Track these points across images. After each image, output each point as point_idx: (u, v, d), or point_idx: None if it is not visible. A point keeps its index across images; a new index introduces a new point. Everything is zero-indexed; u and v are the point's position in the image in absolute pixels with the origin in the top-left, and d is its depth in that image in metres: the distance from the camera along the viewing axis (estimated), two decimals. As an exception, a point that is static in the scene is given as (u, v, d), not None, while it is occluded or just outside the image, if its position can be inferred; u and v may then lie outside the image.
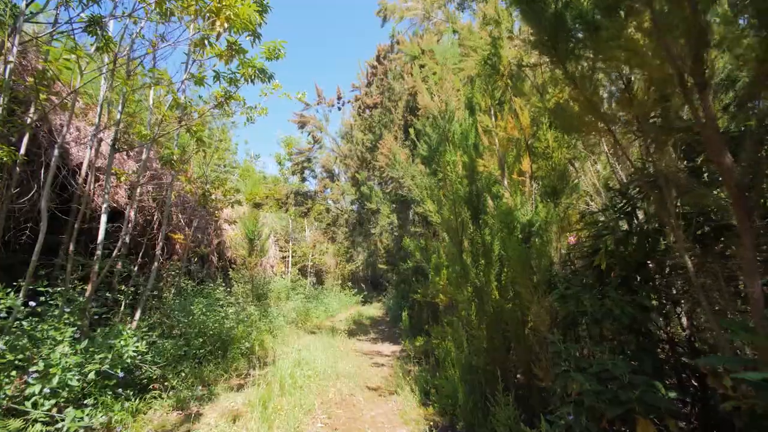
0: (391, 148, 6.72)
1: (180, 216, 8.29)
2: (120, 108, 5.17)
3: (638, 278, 2.27)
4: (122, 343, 3.64)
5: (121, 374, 3.45)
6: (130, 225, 5.92)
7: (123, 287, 5.40)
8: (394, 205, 10.25)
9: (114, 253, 4.60)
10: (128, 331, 3.86)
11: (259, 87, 5.76)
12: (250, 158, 24.11)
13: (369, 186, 9.55)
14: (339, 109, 12.35)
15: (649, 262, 2.25)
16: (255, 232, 10.71)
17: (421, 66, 5.44)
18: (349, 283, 21.05)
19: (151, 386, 4.13)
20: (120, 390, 3.69)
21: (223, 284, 9.03)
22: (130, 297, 5.44)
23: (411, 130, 7.52)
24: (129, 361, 3.56)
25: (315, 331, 9.71)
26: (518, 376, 3.45)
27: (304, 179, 12.82)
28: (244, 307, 8.58)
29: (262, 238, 11.23)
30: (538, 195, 3.36)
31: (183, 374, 4.59)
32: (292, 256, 16.89)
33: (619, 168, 3.34)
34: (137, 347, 3.92)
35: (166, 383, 4.21)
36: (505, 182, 4.24)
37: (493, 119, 4.23)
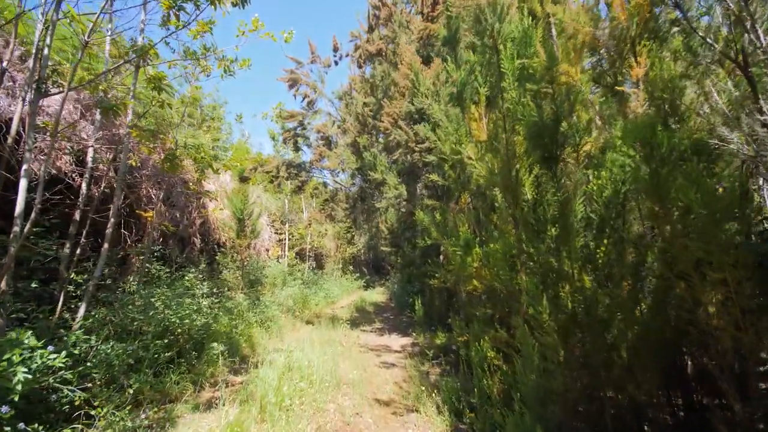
0: (411, 64, 5.15)
1: (151, 191, 7.05)
2: (48, 40, 3.80)
3: None
4: (14, 357, 2.43)
5: (4, 408, 2.25)
6: (81, 198, 4.68)
7: (72, 276, 4.24)
8: (399, 179, 8.97)
9: (26, 228, 3.32)
10: (30, 340, 2.64)
11: (235, 25, 4.45)
12: (244, 137, 22.68)
13: (373, 153, 8.22)
14: (336, 63, 10.86)
15: None
16: (244, 211, 9.46)
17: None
18: (351, 267, 19.93)
19: (78, 413, 2.96)
20: (22, 425, 2.51)
21: (207, 270, 7.86)
22: (83, 288, 4.29)
23: (423, 81, 6.18)
24: (20, 387, 2.34)
25: (313, 321, 8.58)
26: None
27: (297, 149, 11.44)
28: (228, 296, 7.42)
29: (252, 218, 9.98)
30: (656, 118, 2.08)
31: (132, 391, 3.42)
32: (289, 239, 15.66)
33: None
34: (49, 361, 2.72)
35: (98, 408, 3.02)
36: (573, 117, 2.94)
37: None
